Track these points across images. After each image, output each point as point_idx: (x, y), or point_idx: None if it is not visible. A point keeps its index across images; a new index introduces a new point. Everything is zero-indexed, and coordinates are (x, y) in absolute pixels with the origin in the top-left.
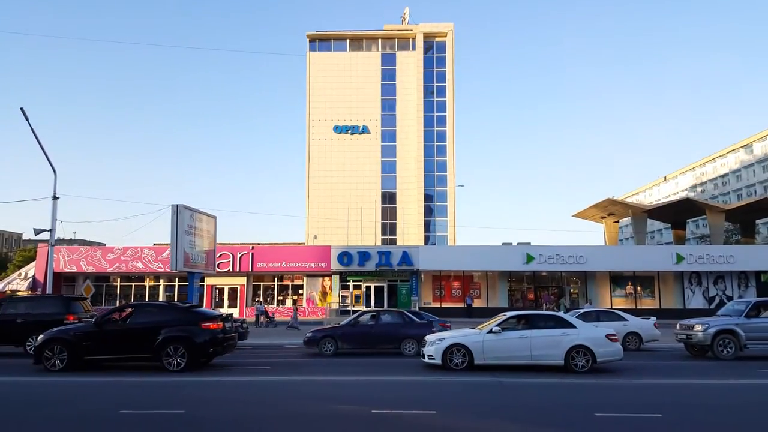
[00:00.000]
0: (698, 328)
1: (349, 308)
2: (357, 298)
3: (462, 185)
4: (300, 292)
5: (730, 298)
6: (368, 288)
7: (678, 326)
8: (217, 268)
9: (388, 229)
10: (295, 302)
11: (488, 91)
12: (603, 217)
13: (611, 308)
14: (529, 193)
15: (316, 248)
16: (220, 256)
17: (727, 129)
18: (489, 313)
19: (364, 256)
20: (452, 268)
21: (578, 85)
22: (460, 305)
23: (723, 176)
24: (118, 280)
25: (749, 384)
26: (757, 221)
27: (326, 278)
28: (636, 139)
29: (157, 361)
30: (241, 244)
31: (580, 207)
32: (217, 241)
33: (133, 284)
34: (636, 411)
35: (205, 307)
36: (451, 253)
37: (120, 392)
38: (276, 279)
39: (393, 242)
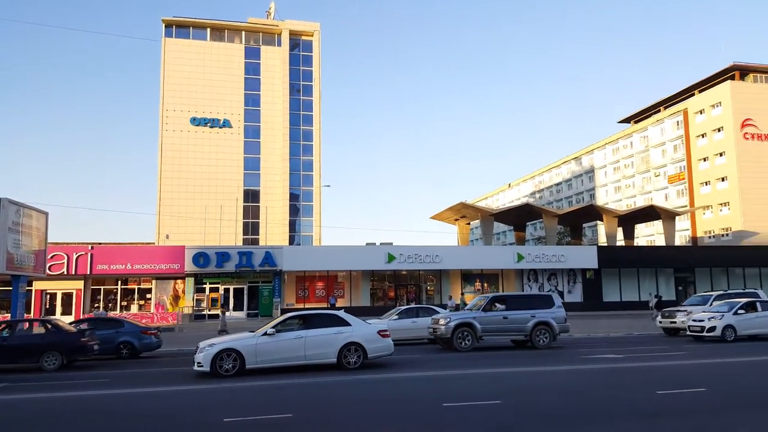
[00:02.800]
0: (442, 321)
1: (204, 312)
2: (214, 301)
3: (328, 185)
4: (148, 296)
5: (561, 293)
6: (227, 290)
7: (431, 320)
8: (48, 271)
9: (251, 229)
10: (223, 305)
11: (355, 92)
12: (457, 220)
13: (463, 303)
14: (392, 194)
15: (167, 248)
16: (52, 257)
17: (563, 141)
18: (353, 312)
19: (223, 256)
20: (317, 268)
21: (438, 91)
22: (324, 305)
23: (557, 184)
24: None
25: (490, 373)
26: (584, 225)
27: (179, 281)
28: (488, 147)
29: None
30: (78, 243)
31: (438, 209)
32: (50, 240)
33: None
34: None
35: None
36: (316, 254)
37: None
38: (120, 282)
39: (256, 242)
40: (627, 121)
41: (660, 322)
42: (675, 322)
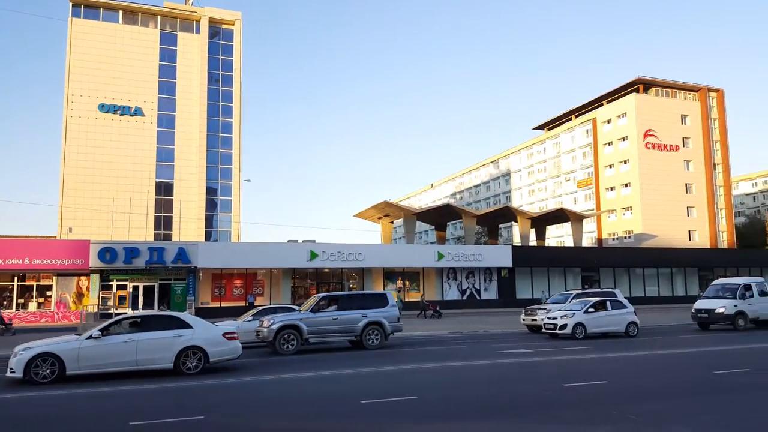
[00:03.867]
0: (266, 324)
1: (111, 311)
2: (121, 299)
3: (248, 180)
4: (48, 293)
5: (478, 291)
6: (136, 288)
7: (259, 322)
8: None
9: (163, 224)
10: (162, 303)
11: (278, 85)
12: (380, 218)
13: None
14: (316, 191)
15: (70, 243)
16: None
17: (484, 145)
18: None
19: (133, 252)
20: (235, 265)
21: (364, 89)
22: (242, 304)
23: (477, 186)
24: None
25: (315, 376)
26: (500, 226)
27: (83, 277)
28: (412, 147)
29: None
30: None
31: (362, 208)
32: None
33: None
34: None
35: None
36: (234, 250)
37: None
38: (16, 278)
39: (168, 237)
40: (541, 128)
41: (523, 319)
42: (536, 320)
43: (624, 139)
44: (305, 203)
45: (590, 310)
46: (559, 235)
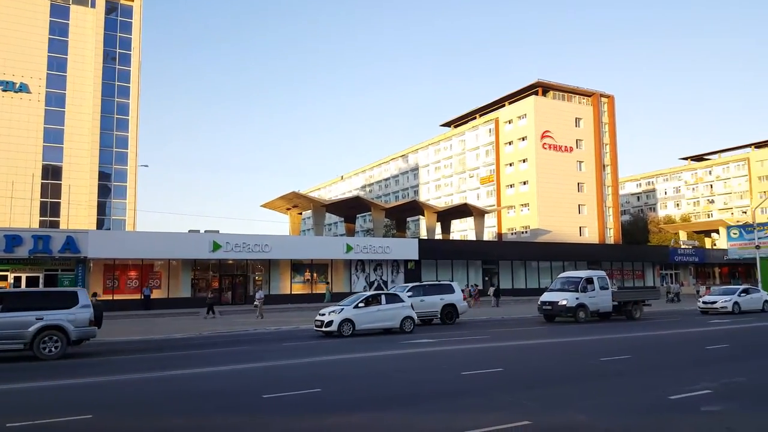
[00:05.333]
0: None
1: None
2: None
3: (146, 165)
4: None
5: (386, 283)
6: (17, 279)
7: None
8: None
9: (50, 210)
10: (95, 295)
11: (182, 68)
12: (289, 209)
13: (291, 293)
14: (221, 180)
15: None
16: None
17: (394, 139)
18: (170, 304)
19: (14, 240)
20: (130, 256)
21: (274, 76)
22: (137, 297)
23: (386, 180)
24: None
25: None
26: (408, 219)
27: None
28: (323, 138)
29: None
30: None
31: (270, 198)
32: None
33: None
34: None
35: None
36: (128, 240)
37: None
38: None
39: (56, 225)
40: (448, 125)
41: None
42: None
43: (523, 139)
44: (209, 192)
45: (361, 305)
46: (462, 229)
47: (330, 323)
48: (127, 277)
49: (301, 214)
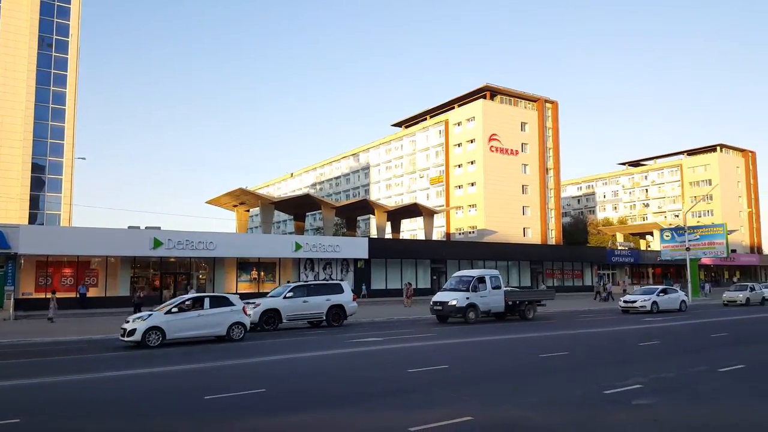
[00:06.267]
0: None
1: None
2: None
3: (83, 158)
4: None
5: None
6: None
7: None
8: None
9: None
10: (54, 292)
11: (124, 59)
12: (235, 206)
13: (235, 293)
14: (164, 175)
15: None
16: None
17: (346, 137)
18: (107, 303)
19: None
20: (64, 252)
21: (220, 72)
22: (72, 295)
23: (337, 178)
24: None
25: None
26: (359, 218)
27: None
28: (273, 134)
29: None
30: None
31: (216, 194)
32: None
33: None
34: None
35: None
36: (63, 235)
37: None
38: None
39: None
40: (399, 125)
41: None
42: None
43: (472, 142)
44: (152, 188)
45: (174, 310)
46: (412, 229)
47: (133, 332)
48: (61, 274)
49: (248, 211)
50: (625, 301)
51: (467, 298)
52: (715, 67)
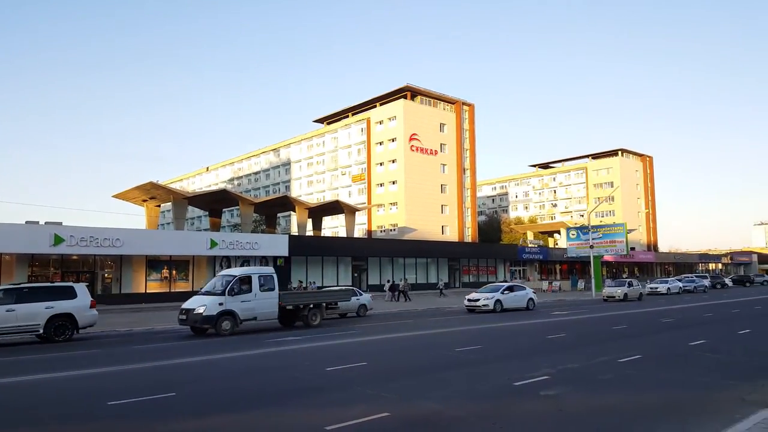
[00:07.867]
0: None
1: None
2: None
3: None
4: None
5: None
6: None
7: None
8: None
9: None
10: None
11: (30, 34)
12: (145, 201)
13: (146, 292)
14: (68, 169)
15: None
16: None
17: (266, 132)
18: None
19: None
20: None
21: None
22: None
23: (256, 173)
24: None
25: None
26: (279, 214)
27: None
28: (188, 127)
29: None
30: None
31: (125, 187)
32: None
33: None
34: None
35: None
36: None
37: None
38: None
39: None
40: (321, 121)
41: None
42: None
43: (393, 140)
44: (53, 180)
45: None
46: (334, 226)
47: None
48: None
49: (159, 206)
50: (469, 300)
51: (220, 304)
52: (618, 77)
